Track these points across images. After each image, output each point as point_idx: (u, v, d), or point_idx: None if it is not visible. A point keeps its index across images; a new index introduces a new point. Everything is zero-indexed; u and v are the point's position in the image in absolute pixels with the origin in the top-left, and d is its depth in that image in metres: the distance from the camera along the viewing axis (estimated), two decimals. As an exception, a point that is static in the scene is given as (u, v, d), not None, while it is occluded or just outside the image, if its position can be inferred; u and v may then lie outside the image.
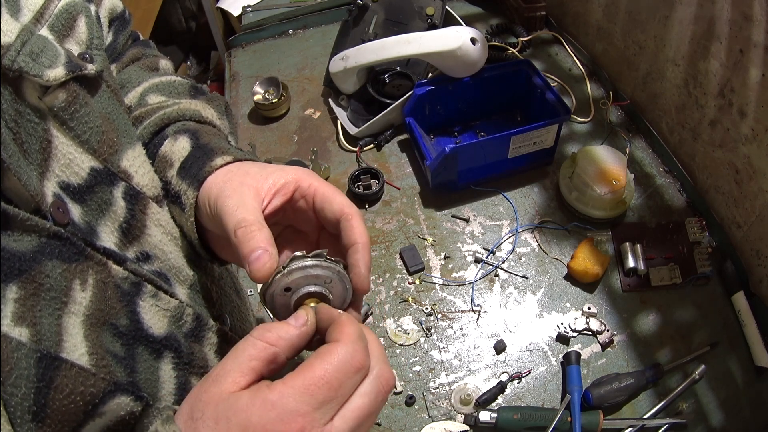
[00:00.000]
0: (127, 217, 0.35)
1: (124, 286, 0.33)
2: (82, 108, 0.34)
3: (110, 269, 0.32)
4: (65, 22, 0.36)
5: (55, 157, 0.32)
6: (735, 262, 0.70)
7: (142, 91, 0.49)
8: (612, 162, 0.74)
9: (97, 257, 0.31)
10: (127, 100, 0.48)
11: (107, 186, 0.34)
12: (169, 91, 0.49)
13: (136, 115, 0.47)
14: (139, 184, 0.37)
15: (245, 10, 1.22)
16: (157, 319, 0.35)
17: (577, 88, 0.96)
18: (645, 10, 0.80)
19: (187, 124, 0.46)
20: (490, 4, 1.15)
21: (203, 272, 0.43)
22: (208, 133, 0.45)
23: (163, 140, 0.45)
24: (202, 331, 0.40)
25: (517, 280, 0.73)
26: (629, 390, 0.60)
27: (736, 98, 0.65)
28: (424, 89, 0.84)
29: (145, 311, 0.34)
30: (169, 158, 0.43)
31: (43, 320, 0.27)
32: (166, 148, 0.44)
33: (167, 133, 0.45)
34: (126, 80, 0.49)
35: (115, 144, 0.36)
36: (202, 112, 0.48)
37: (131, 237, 0.36)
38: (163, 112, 0.46)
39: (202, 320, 0.40)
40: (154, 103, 0.48)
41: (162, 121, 0.45)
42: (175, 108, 0.46)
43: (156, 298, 0.35)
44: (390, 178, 0.86)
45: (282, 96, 0.96)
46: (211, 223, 0.39)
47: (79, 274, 0.30)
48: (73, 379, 0.27)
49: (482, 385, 0.64)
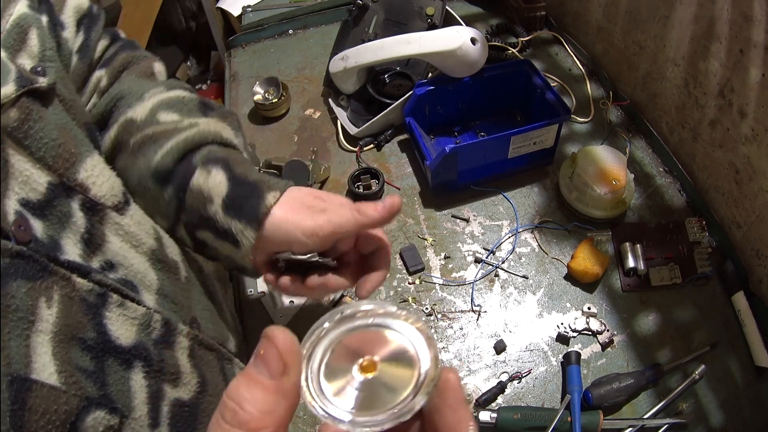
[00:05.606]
0: (87, 227, 0.35)
1: (89, 298, 0.33)
2: (36, 124, 0.34)
3: (75, 283, 0.32)
4: (17, 36, 0.36)
5: (12, 176, 0.31)
6: (735, 262, 0.70)
7: (152, 108, 0.48)
8: (612, 162, 0.74)
9: (61, 272, 0.31)
10: (133, 113, 0.47)
11: (65, 199, 0.34)
12: (180, 108, 0.49)
13: (149, 134, 0.46)
14: (96, 195, 0.37)
15: (245, 10, 1.22)
16: (125, 328, 0.35)
17: (577, 88, 0.96)
18: (645, 10, 0.80)
19: (213, 150, 0.47)
20: (490, 4, 1.15)
21: (169, 276, 0.43)
22: (237, 161, 0.47)
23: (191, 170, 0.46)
24: (173, 336, 0.40)
25: (517, 280, 0.73)
26: (629, 390, 0.60)
27: (736, 98, 0.65)
28: (424, 89, 0.84)
29: (112, 322, 0.34)
30: (207, 193, 0.45)
31: (11, 342, 0.27)
32: (200, 182, 0.45)
33: (195, 162, 0.46)
34: (125, 91, 0.49)
35: (73, 155, 0.35)
36: (222, 134, 0.49)
37: (93, 247, 0.36)
38: (185, 137, 0.46)
39: (172, 325, 0.40)
40: (167, 122, 0.47)
41: (185, 146, 0.46)
42: (195, 131, 0.47)
43: (123, 307, 0.35)
44: (390, 178, 0.86)
45: (282, 96, 0.96)
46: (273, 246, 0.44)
47: (45, 291, 0.30)
48: (46, 398, 0.27)
49: (482, 385, 0.64)
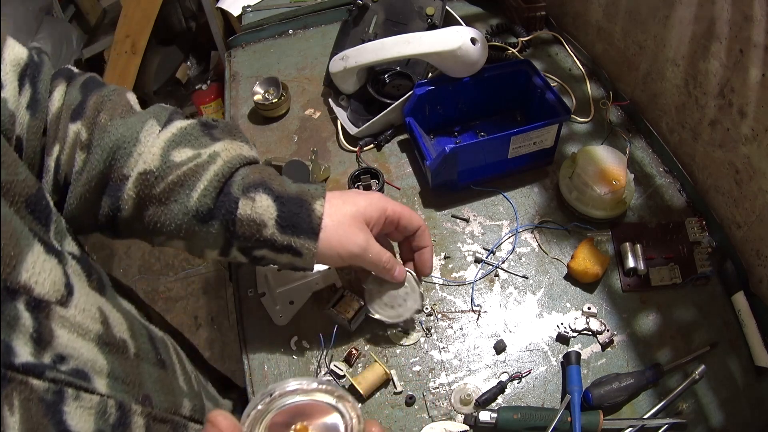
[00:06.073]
0: (35, 327, 0.35)
1: (47, 397, 0.33)
2: None
3: (32, 386, 0.32)
4: None
5: None
6: (735, 262, 0.70)
7: (162, 152, 0.47)
8: (612, 162, 0.74)
9: (18, 378, 0.31)
10: (144, 165, 0.46)
11: (11, 302, 0.34)
12: (189, 141, 0.49)
13: (174, 180, 0.46)
14: (40, 294, 0.36)
15: (245, 10, 1.22)
16: (84, 419, 0.35)
17: (577, 88, 0.96)
18: (645, 10, 0.80)
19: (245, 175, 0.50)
20: (490, 4, 1.15)
21: (118, 356, 0.42)
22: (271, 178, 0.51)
23: (234, 202, 0.48)
24: (128, 418, 0.40)
25: (517, 280, 0.73)
26: (629, 390, 0.60)
27: (736, 98, 0.65)
28: (424, 89, 0.84)
29: (71, 416, 0.34)
30: (259, 220, 0.48)
31: None
32: (248, 211, 0.48)
33: (235, 193, 0.48)
34: (118, 141, 0.47)
35: (13, 257, 0.34)
36: (243, 153, 0.51)
37: (43, 344, 0.35)
38: (214, 172, 0.47)
39: (125, 407, 0.40)
40: (184, 160, 0.47)
41: (219, 181, 0.48)
42: (220, 164, 0.48)
43: (79, 400, 0.35)
44: (390, 178, 0.86)
45: (282, 96, 0.96)
46: (333, 259, 0.54)
47: (6, 399, 0.30)
48: None
49: (482, 385, 0.64)
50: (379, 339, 0.68)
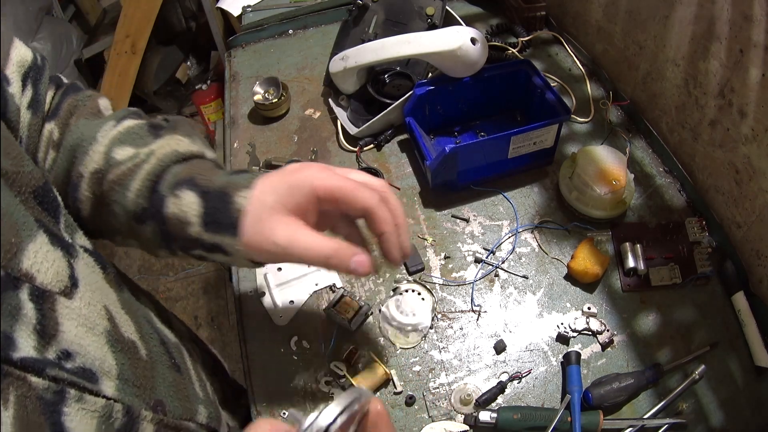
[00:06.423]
0: (38, 318, 0.34)
1: (46, 396, 0.32)
2: None
3: (30, 383, 0.31)
4: None
5: None
6: (735, 262, 0.70)
7: (105, 150, 0.47)
8: (612, 162, 0.74)
9: (15, 373, 0.30)
10: (93, 163, 0.46)
11: (13, 291, 0.33)
12: (132, 140, 0.48)
13: (114, 179, 0.45)
14: (43, 283, 0.35)
15: (245, 10, 1.22)
16: (84, 423, 0.34)
17: (577, 88, 0.96)
18: (645, 10, 0.80)
19: (176, 172, 0.46)
20: (490, 4, 1.15)
21: (129, 357, 0.42)
22: (201, 171, 0.47)
23: (162, 200, 0.45)
24: (135, 425, 0.39)
25: (517, 280, 0.73)
26: (629, 390, 0.60)
27: (736, 98, 0.65)
28: (424, 89, 0.84)
29: (70, 418, 0.33)
30: (184, 218, 0.45)
31: None
32: (174, 209, 0.45)
33: (162, 191, 0.45)
34: (79, 139, 0.47)
35: (14, 245, 0.34)
36: (178, 149, 0.48)
37: (48, 337, 0.34)
38: (146, 171, 0.45)
39: (134, 413, 0.38)
40: (125, 159, 0.46)
41: (149, 179, 0.45)
42: (154, 162, 0.46)
43: (81, 402, 0.34)
44: (390, 178, 0.86)
45: (282, 96, 0.96)
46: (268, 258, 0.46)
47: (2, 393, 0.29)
48: None
49: (482, 385, 0.64)
50: (379, 339, 0.68)
